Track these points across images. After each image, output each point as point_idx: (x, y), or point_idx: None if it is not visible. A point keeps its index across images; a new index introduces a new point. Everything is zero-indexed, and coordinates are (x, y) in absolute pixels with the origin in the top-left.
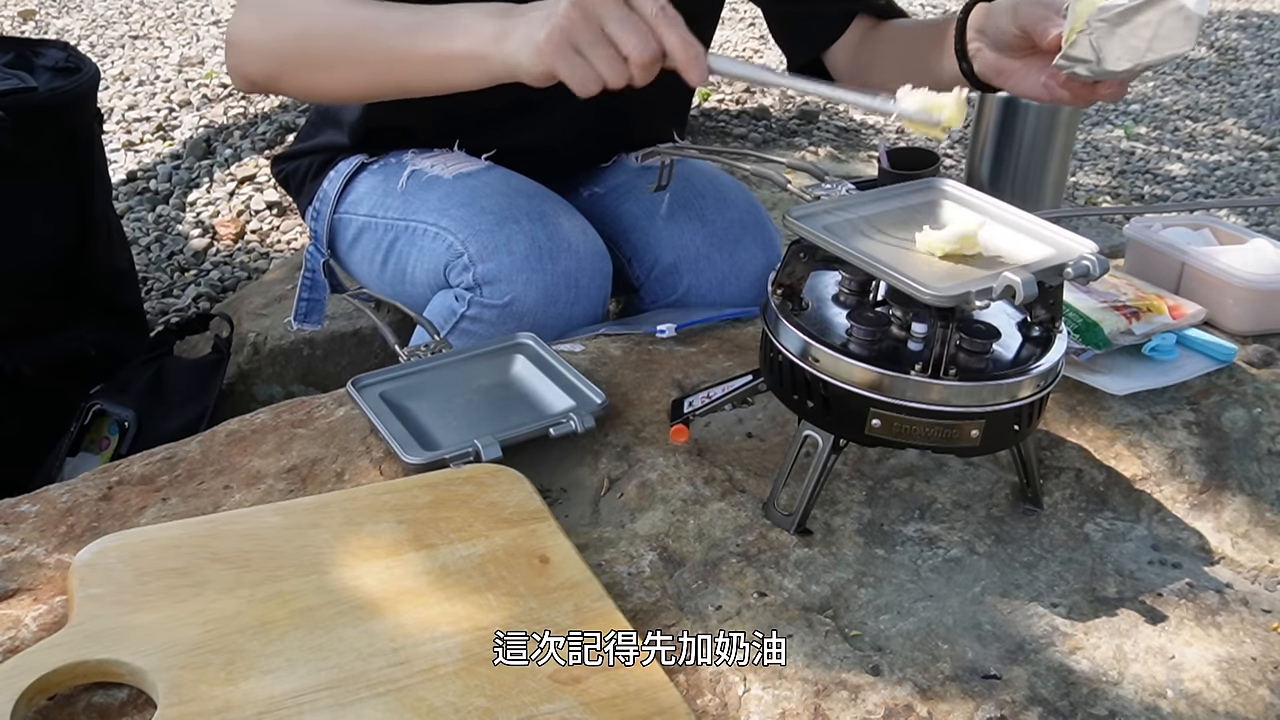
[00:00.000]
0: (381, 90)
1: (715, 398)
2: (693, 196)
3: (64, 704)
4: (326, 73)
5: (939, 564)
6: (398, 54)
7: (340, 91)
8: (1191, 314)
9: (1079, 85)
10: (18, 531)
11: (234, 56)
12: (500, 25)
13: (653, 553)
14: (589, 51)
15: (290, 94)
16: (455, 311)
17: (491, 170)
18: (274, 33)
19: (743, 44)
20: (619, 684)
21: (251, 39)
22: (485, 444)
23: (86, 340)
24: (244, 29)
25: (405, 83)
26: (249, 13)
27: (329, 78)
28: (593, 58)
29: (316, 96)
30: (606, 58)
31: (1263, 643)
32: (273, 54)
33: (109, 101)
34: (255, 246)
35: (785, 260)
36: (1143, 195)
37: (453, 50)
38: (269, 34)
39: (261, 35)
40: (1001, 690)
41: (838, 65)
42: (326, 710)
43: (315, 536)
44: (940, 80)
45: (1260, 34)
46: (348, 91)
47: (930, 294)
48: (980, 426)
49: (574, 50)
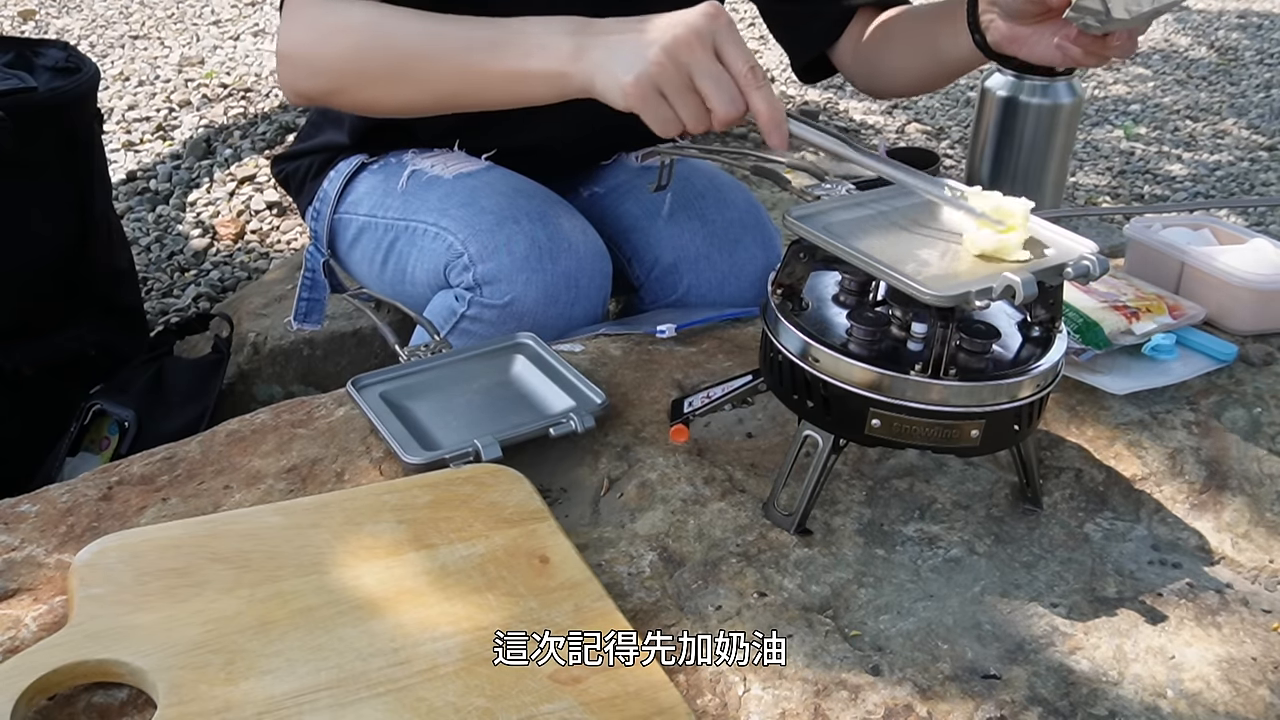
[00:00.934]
0: (451, 106)
1: (715, 398)
2: (693, 196)
3: (64, 704)
4: (389, 89)
5: (939, 564)
6: (471, 71)
7: (405, 107)
8: (1191, 314)
9: (1090, 40)
10: (18, 531)
11: (286, 72)
12: (577, 43)
13: (653, 553)
14: (675, 100)
15: (348, 109)
16: (455, 311)
17: (492, 170)
18: (329, 49)
19: None
20: (619, 684)
21: (304, 54)
22: (485, 444)
23: (86, 340)
24: (295, 43)
25: (478, 99)
26: (299, 25)
27: (391, 94)
28: (678, 106)
29: (378, 112)
30: (692, 108)
31: (1263, 643)
32: (329, 71)
33: (109, 101)
34: (255, 246)
35: (785, 260)
36: (1143, 195)
37: (528, 68)
38: (324, 49)
39: (315, 50)
40: (1001, 690)
41: (843, 59)
42: (326, 710)
43: (315, 536)
44: (948, 59)
45: (1260, 34)
46: (413, 107)
47: (930, 294)
48: (980, 426)
49: (660, 96)
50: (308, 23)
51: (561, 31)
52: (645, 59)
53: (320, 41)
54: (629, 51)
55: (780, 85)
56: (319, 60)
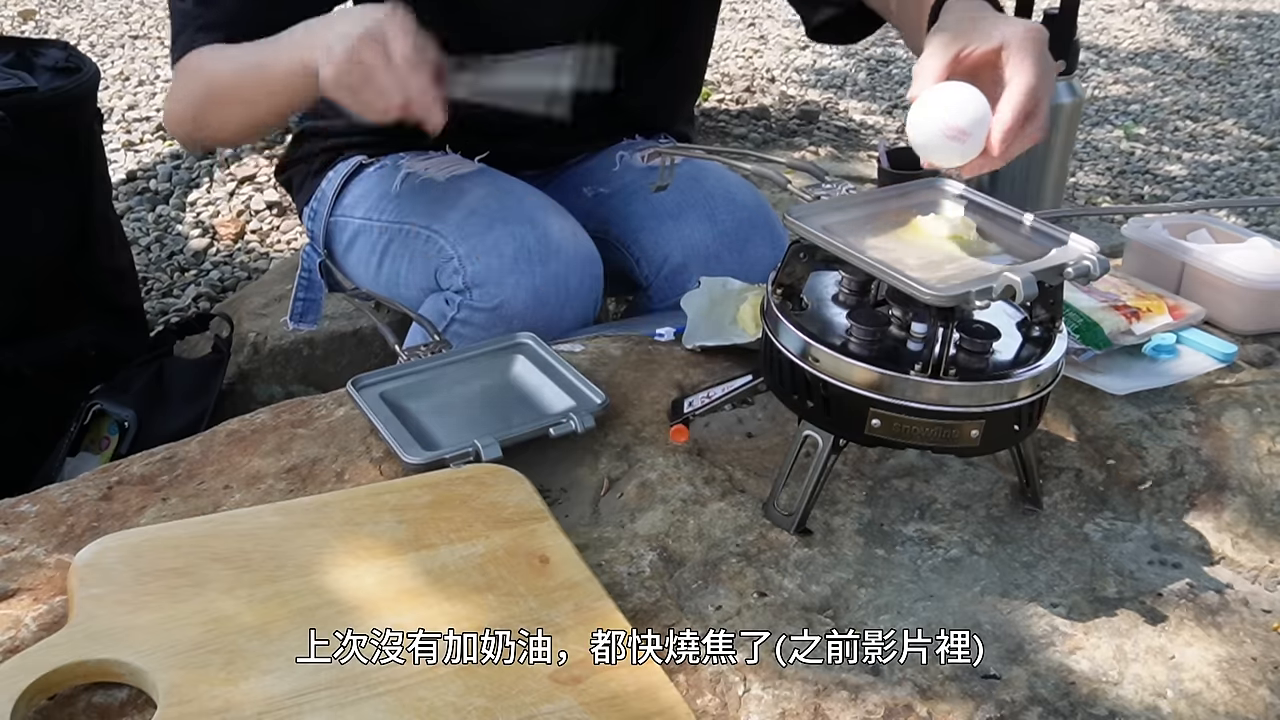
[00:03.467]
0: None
1: (715, 398)
2: (702, 196)
3: (64, 704)
4: (217, 118)
5: (939, 564)
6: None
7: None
8: (1191, 314)
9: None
10: (18, 531)
11: (171, 132)
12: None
13: (653, 553)
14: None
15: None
16: (445, 314)
17: (484, 172)
18: (177, 99)
19: (743, 44)
20: (619, 684)
21: (169, 107)
22: (485, 444)
23: (86, 340)
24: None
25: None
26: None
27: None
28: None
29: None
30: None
31: (1263, 643)
32: (180, 117)
33: (109, 101)
34: (255, 246)
35: (785, 260)
36: (1142, 195)
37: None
38: (182, 103)
39: (171, 103)
40: (1001, 690)
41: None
42: (326, 710)
43: (315, 536)
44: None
45: (1260, 34)
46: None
47: (930, 294)
48: (980, 426)
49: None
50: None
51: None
52: (332, 55)
53: (174, 92)
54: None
55: (780, 85)
56: (174, 110)
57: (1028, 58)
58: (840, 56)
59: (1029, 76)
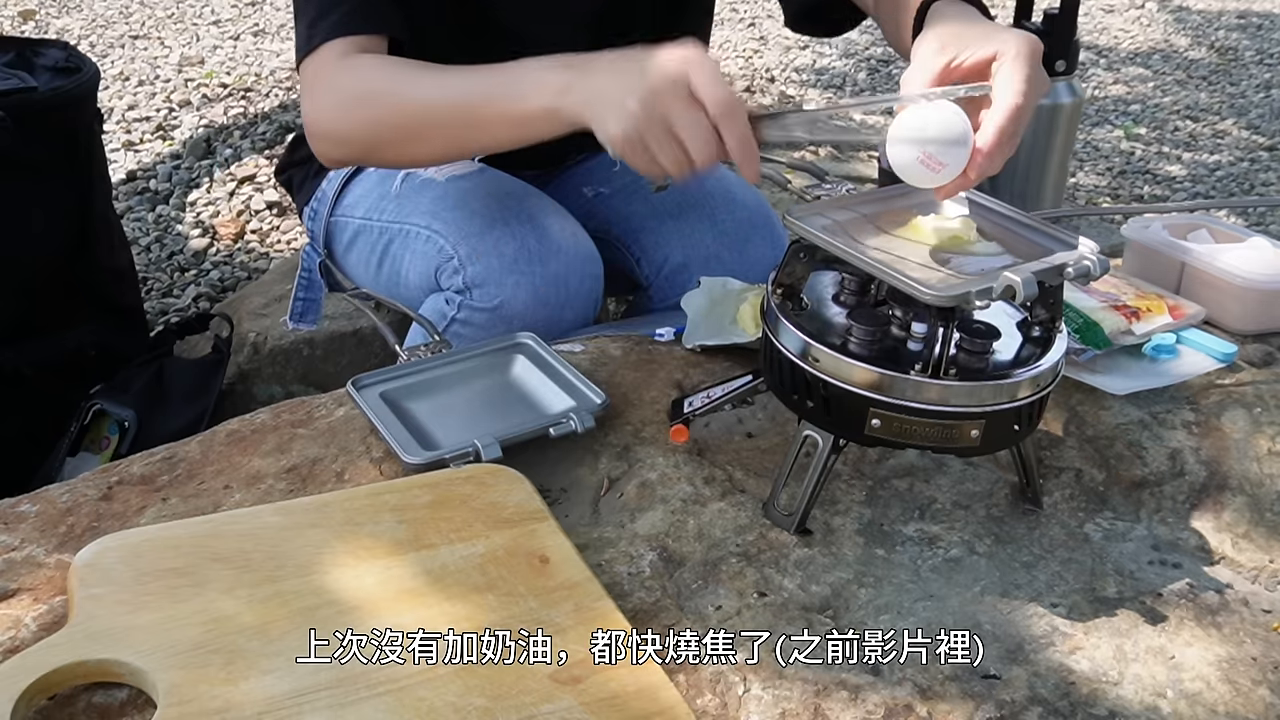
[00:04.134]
0: (469, 151)
1: (715, 398)
2: (702, 196)
3: (64, 704)
4: (409, 150)
5: (939, 564)
6: (476, 119)
7: (427, 160)
8: (1191, 314)
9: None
10: (18, 531)
11: (317, 144)
12: (565, 80)
13: (653, 553)
14: (657, 150)
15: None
16: (445, 314)
17: (484, 173)
18: (350, 122)
19: (743, 44)
20: (619, 684)
21: (330, 128)
22: (485, 444)
23: (86, 340)
24: (321, 117)
25: (489, 143)
26: (321, 94)
27: (411, 153)
28: (660, 155)
29: (405, 166)
30: (672, 155)
31: (1263, 643)
32: (352, 141)
33: (109, 101)
34: (255, 246)
35: (785, 260)
36: (1142, 195)
37: (526, 110)
38: (345, 123)
39: (338, 125)
40: (1001, 690)
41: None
42: (326, 710)
43: (315, 536)
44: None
45: (1260, 34)
46: (434, 159)
47: (930, 294)
48: (980, 426)
49: (645, 146)
50: (328, 90)
51: (551, 68)
52: (626, 112)
53: (343, 116)
54: (611, 99)
55: (780, 85)
56: (342, 133)
57: (1019, 73)
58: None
59: (1016, 96)
